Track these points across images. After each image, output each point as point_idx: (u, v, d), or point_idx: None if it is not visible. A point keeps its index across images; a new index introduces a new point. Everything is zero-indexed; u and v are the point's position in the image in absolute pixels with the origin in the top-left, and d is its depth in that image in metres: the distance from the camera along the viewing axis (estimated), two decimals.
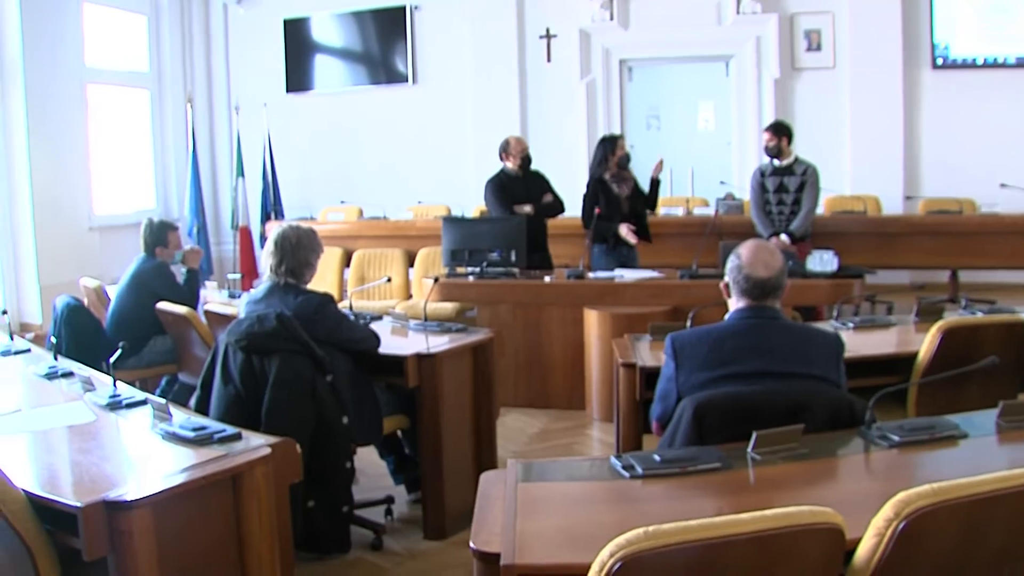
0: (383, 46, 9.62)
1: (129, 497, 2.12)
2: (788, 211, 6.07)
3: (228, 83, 10.10)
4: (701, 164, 9.05)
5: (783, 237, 5.98)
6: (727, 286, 2.58)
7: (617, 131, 8.74)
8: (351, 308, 4.63)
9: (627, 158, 5.99)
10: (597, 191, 5.96)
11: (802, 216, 6.02)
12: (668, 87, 10.53)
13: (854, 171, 8.49)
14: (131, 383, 3.94)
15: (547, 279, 5.51)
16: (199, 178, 9.47)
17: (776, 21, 8.62)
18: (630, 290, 5.33)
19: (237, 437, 2.53)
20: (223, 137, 10.16)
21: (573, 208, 6.28)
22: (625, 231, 5.84)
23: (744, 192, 7.94)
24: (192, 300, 5.02)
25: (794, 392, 2.37)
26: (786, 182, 6.07)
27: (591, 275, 5.54)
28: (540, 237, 6.14)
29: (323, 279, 6.99)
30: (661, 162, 6.08)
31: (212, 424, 2.63)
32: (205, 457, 2.39)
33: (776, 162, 6.11)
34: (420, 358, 3.66)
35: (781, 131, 6.11)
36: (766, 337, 2.47)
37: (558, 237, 6.51)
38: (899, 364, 3.42)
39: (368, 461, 4.25)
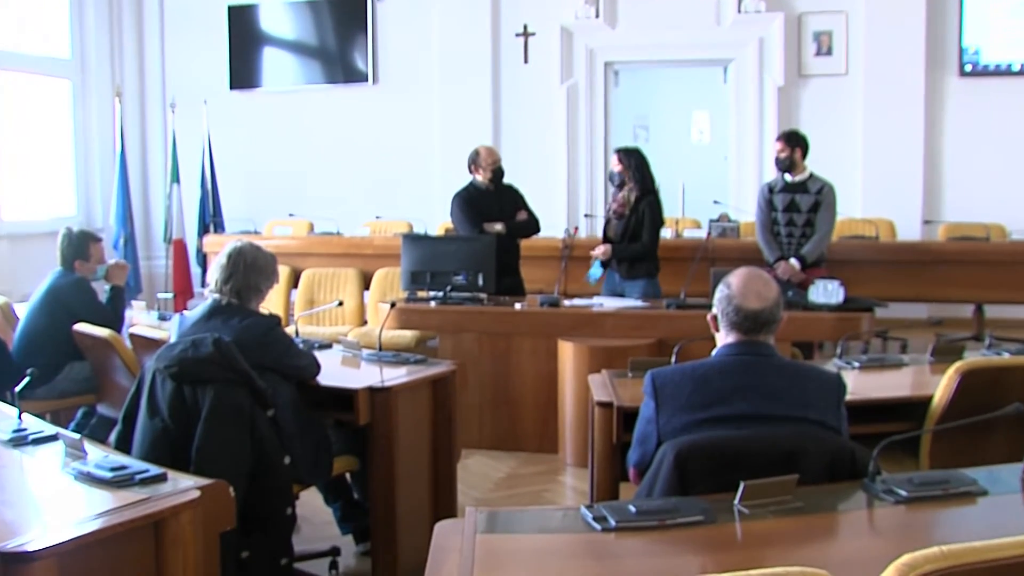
0: (340, 40, 9.66)
1: (32, 547, 2.07)
2: (799, 233, 6.08)
3: (163, 76, 10.09)
4: (693, 181, 9.13)
5: (792, 262, 6.01)
6: (715, 318, 2.62)
7: (600, 142, 8.84)
8: (297, 334, 4.63)
9: (613, 176, 6.05)
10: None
11: (816, 240, 6.02)
12: (659, 94, 10.68)
13: (867, 191, 8.58)
14: (40, 415, 3.91)
15: (518, 306, 5.53)
16: (127, 183, 9.42)
17: (782, 21, 8.72)
18: (610, 320, 5.36)
19: (162, 478, 2.52)
20: (156, 137, 10.14)
21: (549, 227, 6.32)
22: (601, 250, 5.94)
23: (742, 213, 8.04)
24: (115, 321, 4.99)
25: (788, 438, 2.39)
26: (798, 200, 6.07)
27: (567, 302, 5.58)
28: (512, 259, 6.17)
29: (267, 300, 6.96)
30: (601, 250, 6.04)
31: (134, 463, 2.62)
32: (124, 501, 2.36)
33: (788, 177, 6.12)
34: (373, 392, 3.66)
35: (795, 141, 6.09)
36: (757, 376, 2.49)
37: (532, 260, 6.54)
38: (911, 409, 3.44)
39: (312, 507, 4.24)
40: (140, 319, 5.49)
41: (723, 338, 2.60)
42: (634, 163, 5.96)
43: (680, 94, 10.59)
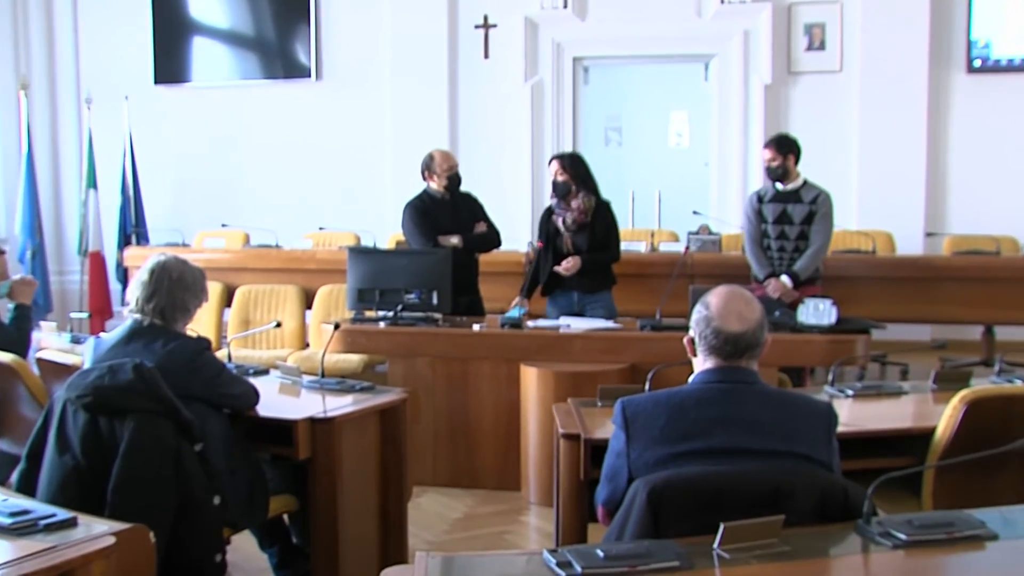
0: (280, 31, 9.66)
1: None
2: (791, 247, 6.15)
3: (77, 68, 10.03)
4: (671, 189, 9.20)
5: (784, 279, 6.07)
6: (692, 341, 2.63)
7: (568, 146, 8.88)
8: (230, 359, 4.60)
9: (557, 187, 6.03)
10: (545, 222, 6.14)
11: (810, 254, 6.08)
12: (633, 93, 10.78)
13: (863, 200, 8.68)
14: None
15: (477, 327, 5.54)
16: (35, 188, 9.33)
17: (769, 13, 8.81)
18: (578, 343, 5.39)
19: (72, 523, 2.48)
20: (69, 137, 10.06)
21: (512, 240, 6.35)
22: (567, 264, 5.98)
23: (724, 225, 8.10)
24: (20, 345, 4.92)
25: (773, 474, 2.40)
26: (790, 211, 6.13)
27: (530, 323, 5.60)
28: (470, 276, 6.20)
29: (196, 321, 6.89)
30: (568, 264, 6.02)
31: (39, 507, 2.58)
32: (26, 550, 2.31)
33: (779, 185, 6.18)
34: (314, 423, 3.66)
35: (786, 147, 6.14)
36: (739, 405, 2.51)
37: (492, 276, 6.58)
38: (911, 443, 3.47)
39: (245, 553, 4.20)
40: (49, 342, 5.41)
41: (701, 363, 2.62)
42: (580, 169, 6.05)
43: (656, 93, 10.68)
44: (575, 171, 6.01)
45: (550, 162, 6.14)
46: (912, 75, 8.63)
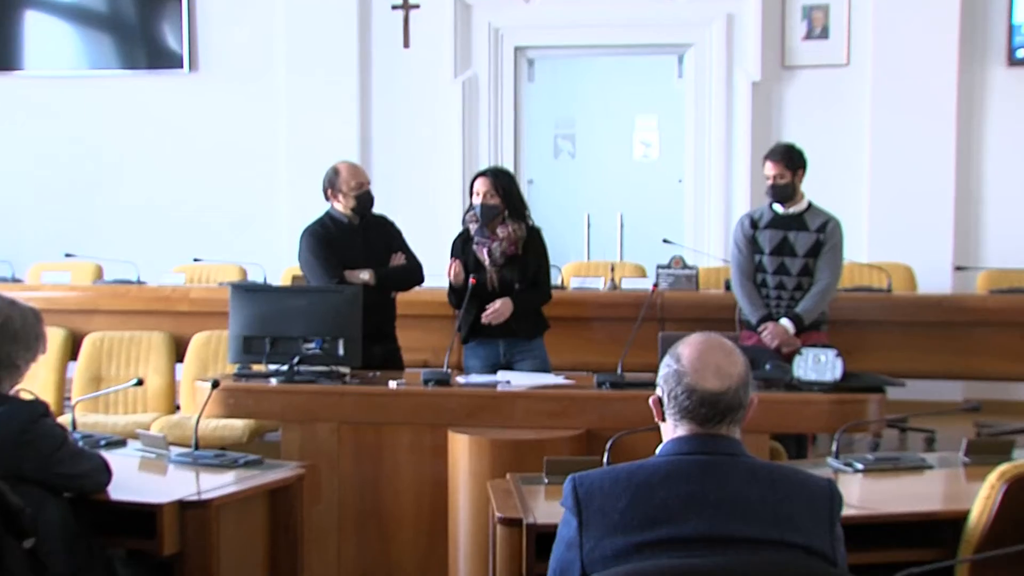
0: (143, 10, 9.63)
1: None
2: (792, 284, 6.21)
3: None
4: (636, 212, 9.28)
5: (784, 323, 6.12)
6: (659, 402, 2.65)
7: (508, 158, 8.93)
8: (75, 427, 4.55)
9: (485, 211, 6.04)
10: (458, 254, 6.16)
11: (817, 292, 6.15)
12: (589, 92, 10.86)
13: (876, 226, 8.79)
14: None
15: (393, 385, 5.52)
16: None
17: None
18: (520, 404, 5.36)
19: None
20: None
21: (438, 275, 6.35)
22: (489, 312, 5.99)
23: (702, 256, 8.18)
24: None
25: (761, 569, 2.41)
26: (792, 240, 6.19)
27: (461, 379, 5.61)
28: (385, 320, 6.21)
29: (30, 378, 6.80)
30: (494, 310, 6.00)
31: None
32: None
33: (778, 208, 6.25)
34: (184, 509, 3.62)
35: (795, 160, 6.20)
36: (719, 483, 2.52)
37: (413, 320, 6.59)
38: (938, 531, 3.49)
39: None
40: None
41: (671, 430, 2.63)
42: (514, 190, 6.12)
43: (618, 93, 10.76)
44: (508, 193, 6.05)
45: (475, 179, 6.11)
46: (938, 69, 8.72)
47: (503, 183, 6.07)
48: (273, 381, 5.58)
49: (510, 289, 6.04)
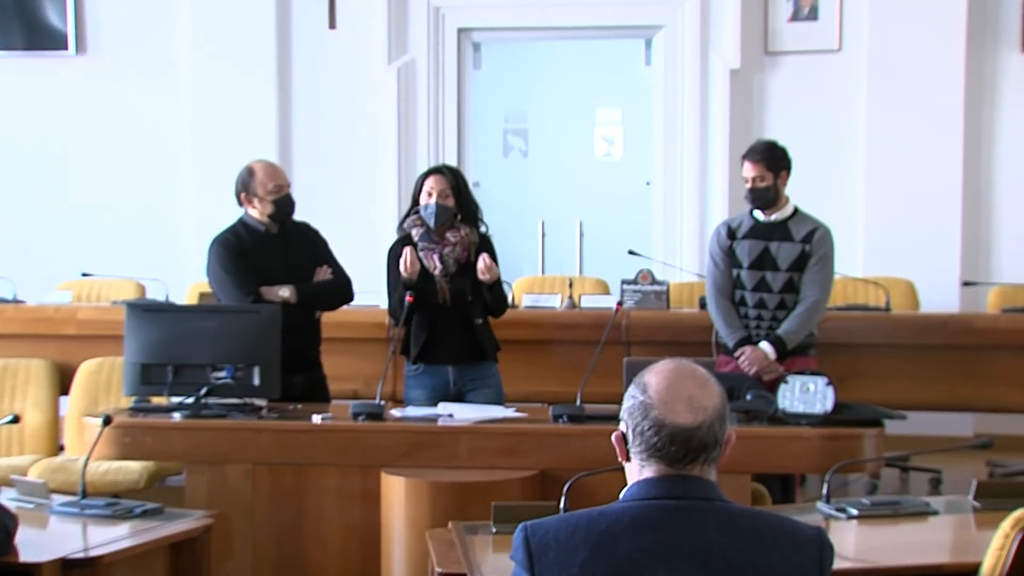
0: None
1: None
2: (774, 302, 6.24)
3: None
4: (598, 219, 9.29)
5: (764, 347, 6.15)
6: (624, 439, 2.64)
7: (451, 156, 8.94)
8: None
9: (440, 213, 6.03)
10: (397, 265, 6.12)
11: (803, 312, 6.18)
12: (544, 82, 10.89)
13: (870, 235, 8.85)
14: None
15: (318, 419, 5.51)
16: None
17: None
18: (465, 441, 5.37)
19: None
20: None
21: (371, 290, 6.36)
22: (404, 260, 6.01)
23: (673, 271, 8.19)
24: None
25: None
26: (774, 252, 6.23)
27: (397, 412, 5.62)
28: (308, 344, 6.21)
29: None
30: (488, 262, 6.09)
31: None
32: None
33: (759, 215, 6.29)
34: (68, 568, 3.59)
35: (777, 160, 6.23)
36: (691, 532, 2.52)
37: (341, 344, 6.60)
38: None
39: None
40: None
41: (637, 471, 2.62)
42: (467, 190, 6.18)
43: (577, 83, 10.78)
44: (462, 194, 6.08)
45: (425, 177, 6.12)
46: (942, 56, 8.77)
47: (459, 183, 6.12)
48: (176, 416, 5.54)
49: (463, 301, 6.07)
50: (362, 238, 7.81)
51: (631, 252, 8.01)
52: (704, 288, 6.60)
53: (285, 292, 6.05)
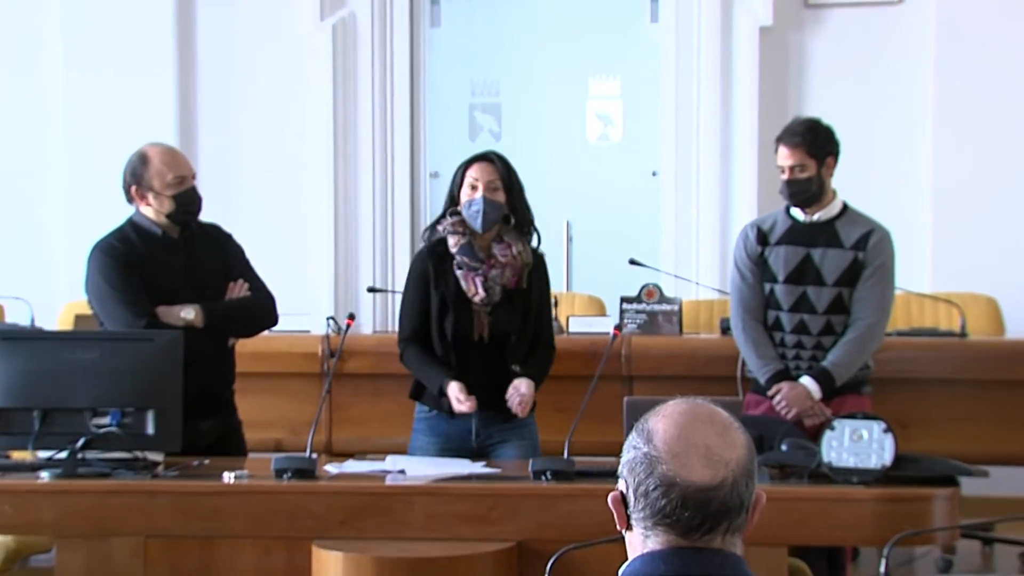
0: None
1: None
2: (818, 326, 6.24)
3: None
4: (591, 220, 9.32)
5: (805, 382, 6.15)
6: (622, 501, 2.65)
7: (403, 137, 8.96)
8: None
9: (489, 211, 5.96)
10: (423, 285, 6.10)
11: (855, 338, 6.19)
12: (521, 44, 10.85)
13: (941, 240, 8.88)
14: None
15: (231, 477, 5.50)
16: None
17: None
18: (421, 505, 5.37)
19: None
20: None
21: (295, 312, 6.34)
22: (457, 392, 5.89)
23: (686, 286, 8.23)
24: None
25: None
26: (817, 261, 6.22)
27: (332, 469, 5.61)
28: (219, 381, 6.21)
29: None
30: (524, 395, 5.94)
31: None
32: None
33: (799, 215, 6.29)
34: None
35: (821, 144, 6.21)
36: None
37: (262, 381, 6.65)
38: None
39: None
40: None
41: (640, 542, 2.62)
42: (516, 180, 6.12)
43: (565, 45, 10.75)
44: (514, 190, 6.08)
45: (468, 166, 6.09)
46: None
47: (511, 175, 6.08)
48: (44, 476, 5.51)
49: (504, 343, 6.07)
50: (288, 244, 7.82)
51: (633, 262, 8.02)
52: (727, 307, 6.63)
53: (189, 313, 6.00)
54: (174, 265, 6.11)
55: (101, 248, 6.07)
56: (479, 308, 6.03)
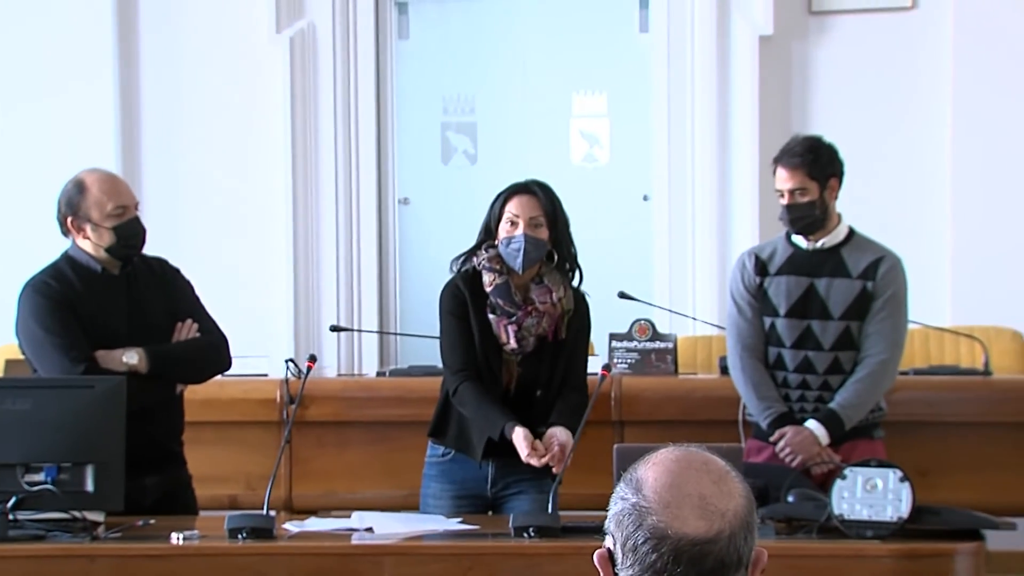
0: None
1: None
2: (824, 364, 6.24)
3: None
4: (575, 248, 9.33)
5: (811, 426, 6.15)
6: (609, 559, 2.64)
7: (370, 161, 8.97)
8: None
9: (530, 250, 5.96)
10: (465, 315, 6.08)
11: (865, 377, 6.19)
12: (499, 56, 10.88)
13: (960, 269, 8.90)
14: None
15: (179, 539, 5.50)
16: None
17: None
18: (390, 566, 5.39)
19: None
20: None
21: (250, 353, 6.33)
22: (522, 440, 5.86)
23: (682, 322, 8.23)
24: None
25: None
26: (822, 292, 6.24)
27: (292, 527, 5.60)
28: (166, 431, 6.20)
29: None
30: (558, 453, 5.83)
31: None
32: None
33: (800, 241, 6.31)
34: None
35: (823, 164, 6.22)
36: None
37: (214, 431, 6.65)
38: None
39: None
40: None
41: None
42: (561, 213, 6.13)
43: (546, 57, 10.79)
44: (559, 224, 6.09)
45: (508, 197, 6.11)
46: None
47: (556, 207, 6.10)
48: None
49: (532, 395, 6.06)
50: (242, 280, 7.81)
51: (622, 295, 8.04)
52: (725, 345, 6.63)
53: (132, 358, 5.98)
54: (115, 304, 6.09)
55: (33, 286, 6.03)
56: (510, 357, 6.05)
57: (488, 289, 6.01)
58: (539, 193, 6.10)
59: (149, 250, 6.22)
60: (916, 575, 5.12)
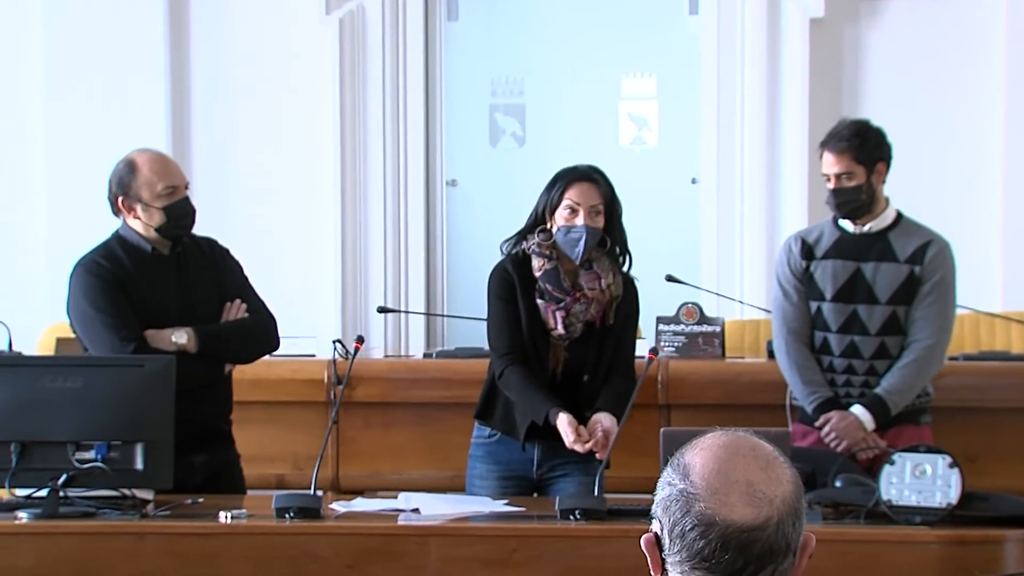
0: None
1: None
2: (871, 348, 6.22)
3: None
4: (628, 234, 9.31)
5: (857, 411, 6.13)
6: (656, 543, 2.64)
7: (416, 145, 8.95)
8: None
9: (591, 240, 5.93)
10: (513, 298, 6.08)
11: (913, 361, 6.17)
12: (547, 38, 10.85)
13: (1012, 254, 8.87)
14: None
15: (227, 517, 5.50)
16: None
17: None
18: (436, 547, 5.36)
19: None
20: None
21: (298, 334, 6.34)
22: (566, 426, 5.85)
23: (729, 306, 8.22)
24: None
25: None
26: (869, 276, 6.21)
27: (339, 507, 5.62)
28: (214, 411, 6.21)
29: None
30: (602, 439, 5.83)
31: None
32: None
33: (848, 226, 6.28)
34: None
35: (871, 148, 6.19)
36: None
37: (262, 411, 6.67)
38: None
39: None
40: None
41: None
42: (616, 200, 6.12)
43: (595, 40, 10.74)
44: (614, 212, 6.08)
45: (568, 184, 6.07)
46: None
47: (613, 195, 6.08)
48: (22, 516, 5.51)
49: (578, 380, 6.05)
50: (290, 260, 7.81)
51: (670, 278, 8.07)
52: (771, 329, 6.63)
53: (181, 337, 5.99)
54: (165, 284, 6.09)
55: (84, 266, 6.05)
56: (557, 342, 6.04)
57: (537, 274, 6.00)
58: (600, 181, 6.06)
59: (199, 230, 6.22)
60: (965, 561, 5.07)
